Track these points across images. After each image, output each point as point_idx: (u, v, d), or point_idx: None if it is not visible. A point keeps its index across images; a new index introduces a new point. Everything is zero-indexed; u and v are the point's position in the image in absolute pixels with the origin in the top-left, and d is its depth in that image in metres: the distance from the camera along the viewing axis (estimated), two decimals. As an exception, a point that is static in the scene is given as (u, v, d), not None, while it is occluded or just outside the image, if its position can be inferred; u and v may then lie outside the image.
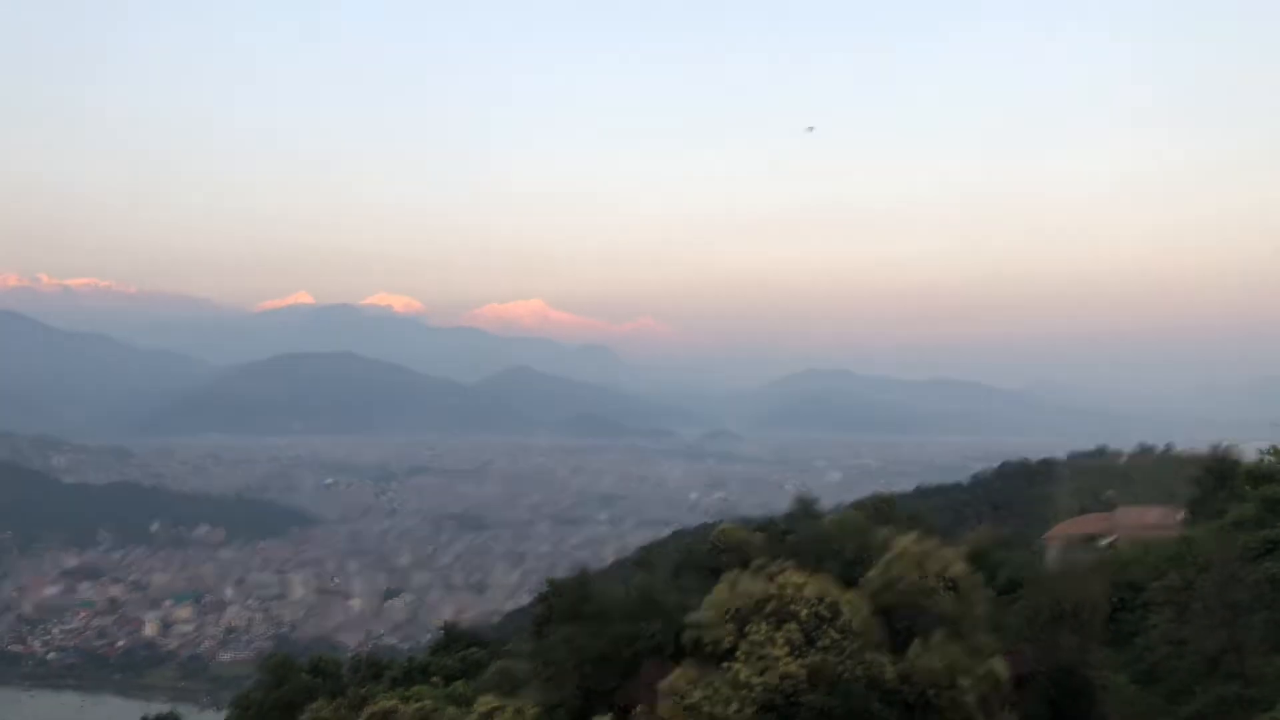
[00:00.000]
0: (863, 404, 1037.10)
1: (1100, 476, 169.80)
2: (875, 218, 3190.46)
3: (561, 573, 45.19)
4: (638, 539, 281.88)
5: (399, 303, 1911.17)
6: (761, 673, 30.03)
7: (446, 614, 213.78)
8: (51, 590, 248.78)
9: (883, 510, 49.07)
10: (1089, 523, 69.96)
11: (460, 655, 47.37)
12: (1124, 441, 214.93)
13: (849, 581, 36.38)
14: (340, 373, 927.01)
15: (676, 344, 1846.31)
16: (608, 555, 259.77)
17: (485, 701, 27.84)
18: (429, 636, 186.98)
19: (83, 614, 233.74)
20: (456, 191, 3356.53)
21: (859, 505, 51.59)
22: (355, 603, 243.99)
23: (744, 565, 39.62)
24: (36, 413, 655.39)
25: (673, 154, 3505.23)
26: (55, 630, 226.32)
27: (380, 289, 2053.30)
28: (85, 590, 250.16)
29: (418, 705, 28.68)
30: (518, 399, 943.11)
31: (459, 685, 37.19)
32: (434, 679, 40.24)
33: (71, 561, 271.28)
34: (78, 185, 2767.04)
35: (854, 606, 32.42)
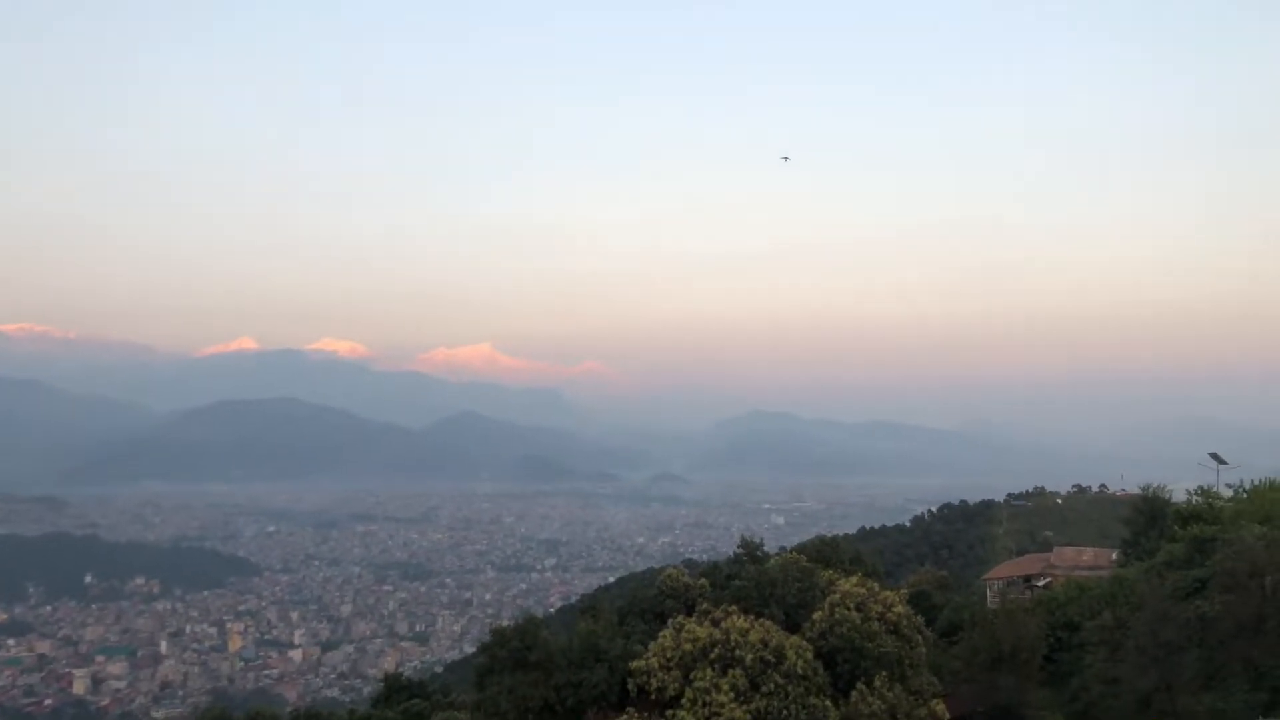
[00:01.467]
0: (806, 445, 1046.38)
1: (1037, 517, 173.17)
2: (814, 261, 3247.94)
3: (506, 621, 44.62)
4: (583, 585, 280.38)
5: (344, 347, 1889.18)
6: (707, 719, 30.08)
7: (389, 665, 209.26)
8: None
9: (826, 553, 49.48)
10: (1027, 564, 71.10)
11: (403, 707, 46.52)
12: (1058, 482, 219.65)
13: (793, 626, 36.66)
14: (284, 418, 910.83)
15: (623, 387, 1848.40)
16: (553, 602, 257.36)
17: (427, 754, 27.34)
18: (370, 688, 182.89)
19: (8, 671, 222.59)
20: (404, 235, 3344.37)
21: (802, 548, 51.95)
22: (296, 654, 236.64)
23: (689, 611, 39.75)
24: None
25: (623, 198, 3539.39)
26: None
27: (326, 334, 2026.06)
28: (12, 647, 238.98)
29: (357, 760, 28.07)
30: (465, 444, 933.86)
31: (400, 738, 36.52)
32: (375, 732, 39.44)
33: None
34: (13, 226, 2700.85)
35: (798, 651, 32.70)
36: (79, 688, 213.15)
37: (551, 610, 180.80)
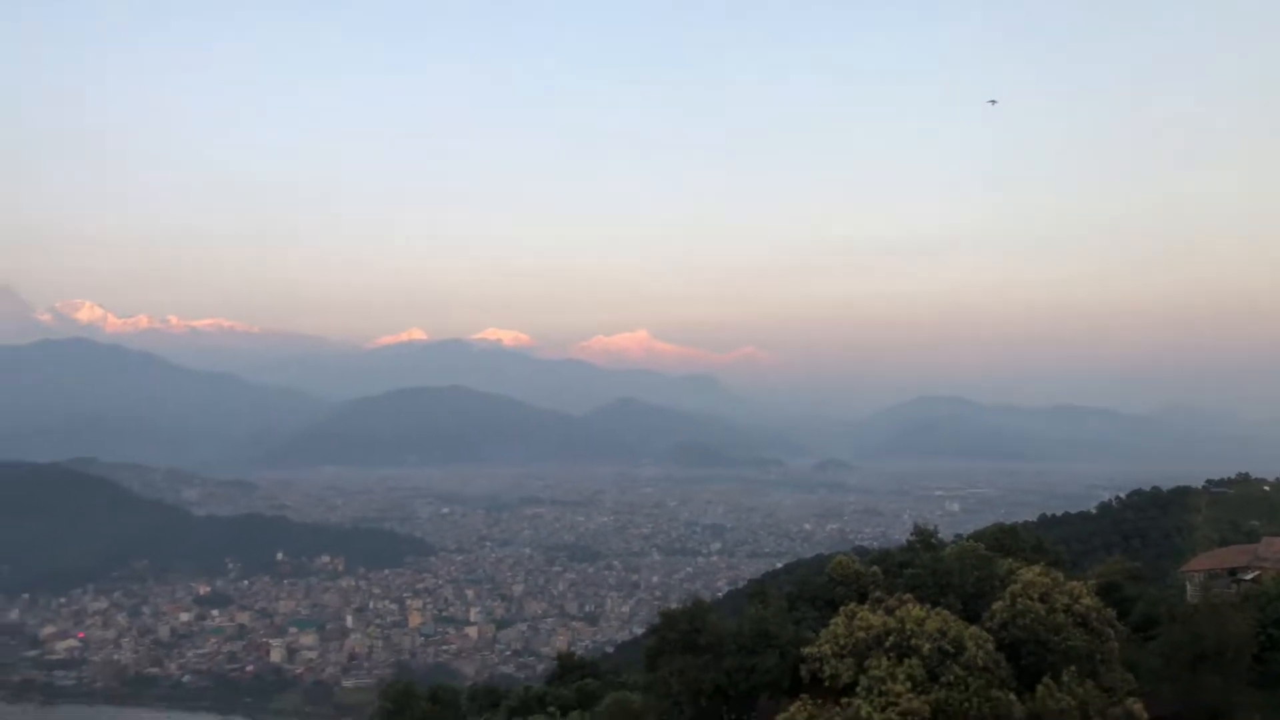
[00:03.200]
0: (980, 431, 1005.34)
1: (1241, 506, 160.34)
2: (994, 241, 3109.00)
3: (674, 604, 44.92)
4: (750, 570, 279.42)
5: (508, 337, 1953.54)
6: (883, 709, 29.32)
7: (560, 644, 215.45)
8: (185, 616, 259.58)
9: (1005, 541, 47.43)
10: (1231, 555, 65.99)
11: (576, 686, 47.57)
12: (1266, 469, 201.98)
13: (971, 616, 35.28)
14: (452, 406, 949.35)
15: (782, 373, 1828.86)
16: (720, 586, 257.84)
17: (602, 733, 27.81)
18: (544, 666, 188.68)
19: (213, 640, 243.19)
20: (563, 228, 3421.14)
21: (979, 536, 49.91)
22: (472, 631, 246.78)
23: (861, 598, 38.92)
24: (168, 448, 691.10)
25: (778, 182, 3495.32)
26: (189, 654, 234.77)
27: (490, 324, 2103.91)
28: (216, 617, 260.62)
29: (536, 735, 28.85)
30: (624, 430, 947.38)
31: (575, 716, 37.34)
32: (550, 709, 40.51)
33: (202, 589, 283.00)
34: (204, 232, 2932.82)
35: (978, 642, 31.40)
36: (275, 656, 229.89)
37: (719, 595, 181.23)
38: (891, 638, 31.78)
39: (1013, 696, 30.07)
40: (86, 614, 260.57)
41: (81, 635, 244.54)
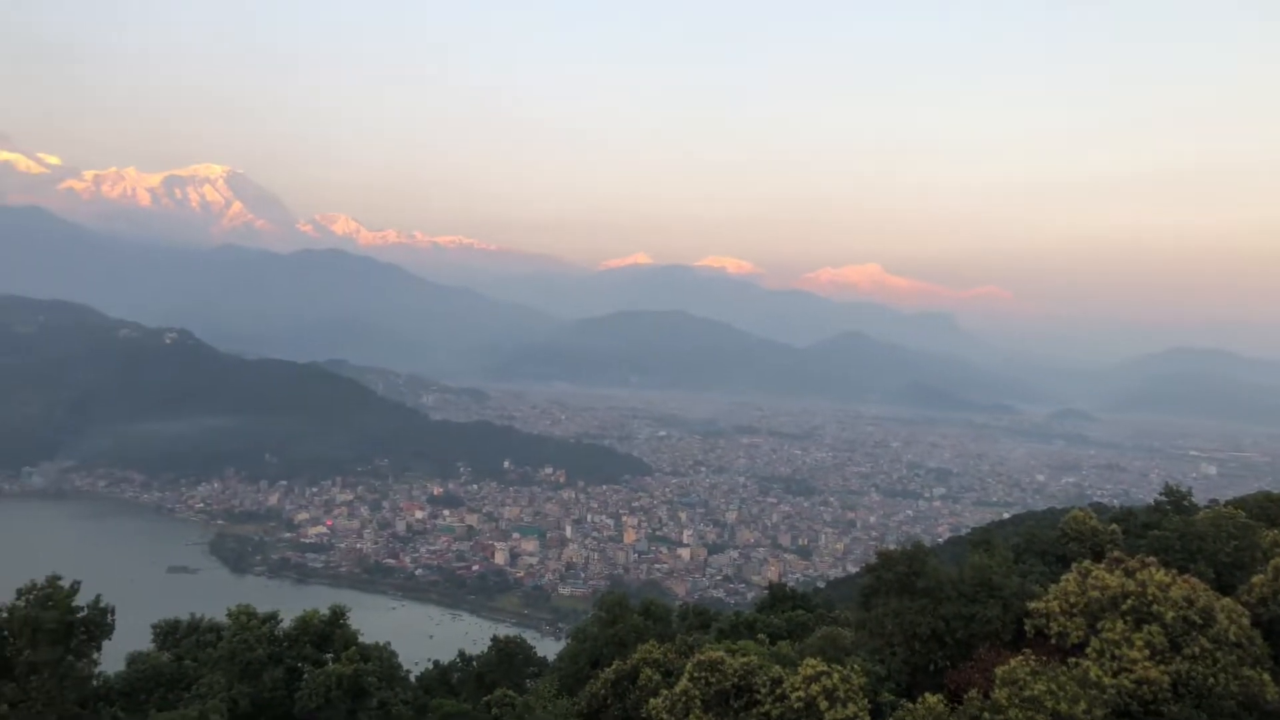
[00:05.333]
0: (1245, 389, 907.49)
1: None
2: (1265, 177, 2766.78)
3: (891, 545, 44.00)
4: (974, 518, 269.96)
5: (732, 264, 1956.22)
6: (1115, 674, 27.72)
7: (771, 573, 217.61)
8: (419, 514, 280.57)
9: (1271, 511, 42.95)
10: None
11: (786, 615, 47.88)
12: None
13: (1225, 588, 32.53)
14: (674, 331, 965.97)
15: (1023, 314, 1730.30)
16: (940, 532, 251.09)
17: (811, 664, 27.87)
18: (753, 594, 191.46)
19: (444, 538, 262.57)
20: (792, 155, 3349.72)
21: (1240, 503, 45.41)
22: (684, 553, 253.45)
23: (1097, 556, 36.69)
24: (410, 355, 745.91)
25: (1030, 107, 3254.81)
26: (422, 550, 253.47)
27: (714, 251, 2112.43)
28: (447, 516, 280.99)
29: (744, 660, 29.29)
30: (849, 365, 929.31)
31: (784, 645, 37.61)
32: (760, 636, 41.01)
33: (436, 489, 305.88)
34: (452, 154, 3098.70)
35: (1231, 615, 28.92)
36: (499, 558, 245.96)
37: (939, 540, 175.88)
38: (1130, 601, 29.81)
39: (1266, 677, 27.55)
40: (334, 504, 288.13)
41: (330, 523, 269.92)
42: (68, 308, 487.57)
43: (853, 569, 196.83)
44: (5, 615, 29.82)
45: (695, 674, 28.50)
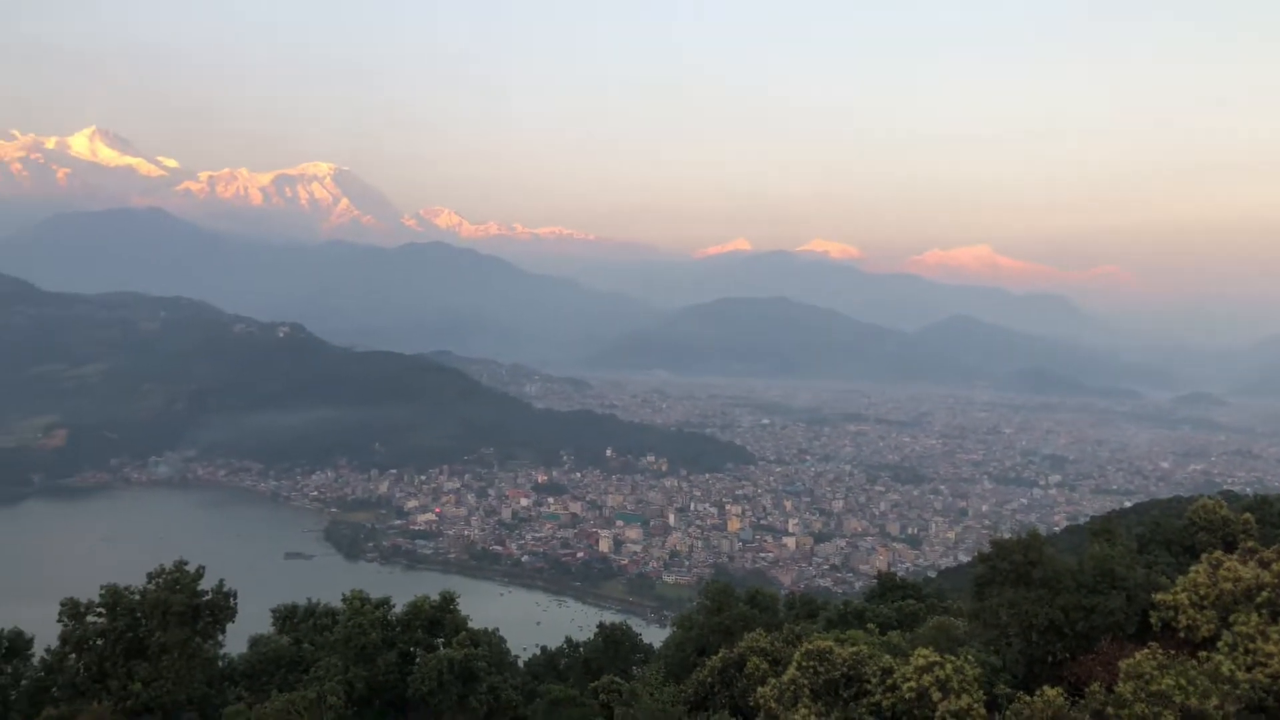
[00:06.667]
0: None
1: None
2: None
3: (1005, 534, 42.59)
4: (1093, 507, 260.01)
5: (835, 249, 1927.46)
6: (1249, 668, 26.18)
7: (880, 563, 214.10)
8: (524, 502, 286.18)
9: None
10: None
11: (896, 605, 46.89)
12: None
13: (1375, 580, 30.27)
14: (776, 317, 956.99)
15: (1145, 295, 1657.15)
16: (1057, 521, 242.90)
17: (923, 655, 27.11)
18: (861, 584, 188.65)
19: (549, 525, 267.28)
20: (896, 136, 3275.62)
21: (1390, 490, 42.38)
22: (790, 541, 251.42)
23: (1228, 547, 34.88)
24: (512, 345, 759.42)
25: (1153, 79, 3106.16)
26: (528, 537, 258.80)
27: (816, 235, 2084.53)
28: (551, 504, 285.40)
29: (853, 649, 28.68)
30: (959, 349, 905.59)
31: (894, 635, 36.84)
32: (869, 626, 40.26)
33: (540, 477, 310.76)
34: (549, 147, 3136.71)
35: (1382, 610, 26.93)
36: (603, 546, 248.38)
37: (1055, 529, 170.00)
38: (1265, 593, 28.09)
39: None
40: (442, 492, 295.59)
41: (438, 511, 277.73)
42: (187, 304, 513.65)
43: (964, 558, 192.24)
44: (138, 598, 31.45)
45: (803, 663, 28.07)
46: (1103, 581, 32.17)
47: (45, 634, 34.58)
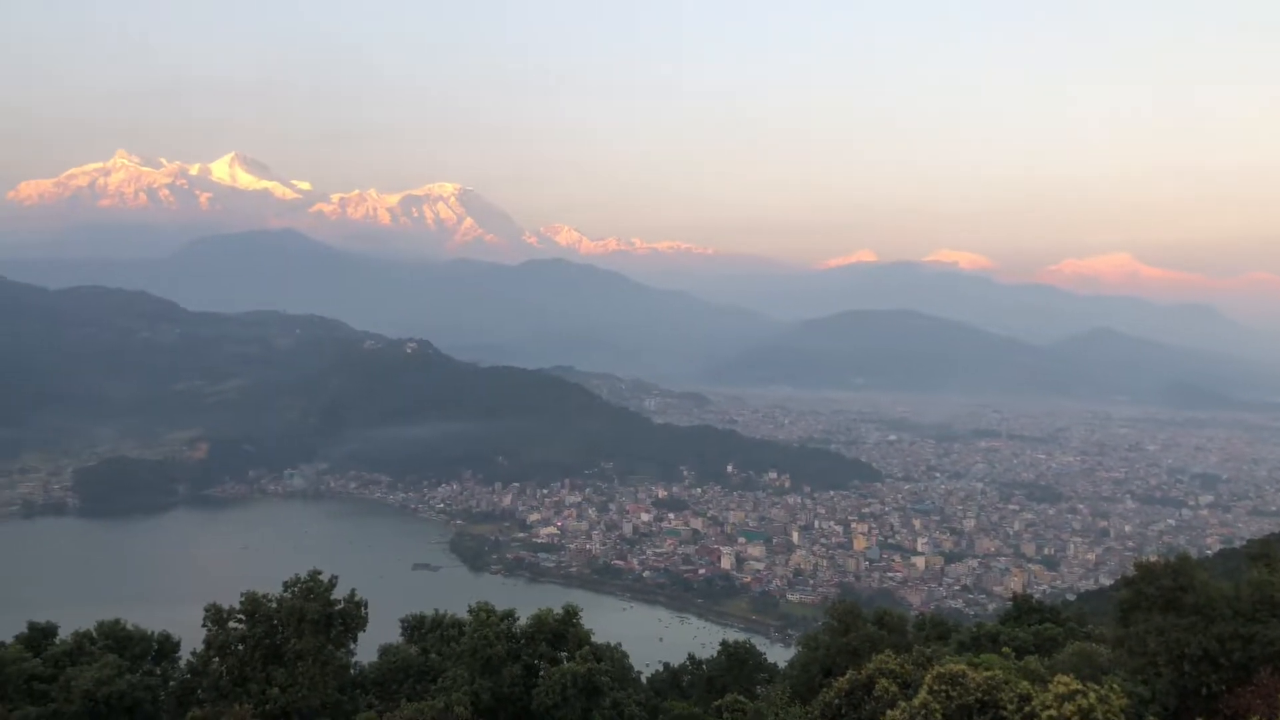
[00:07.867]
0: None
1: None
2: None
3: (1151, 556, 40.20)
4: (1250, 529, 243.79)
5: (965, 259, 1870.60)
6: None
7: (1015, 584, 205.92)
8: (645, 517, 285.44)
9: None
10: None
11: (1034, 629, 44.79)
12: None
13: None
14: (902, 330, 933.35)
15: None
16: (1210, 544, 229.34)
17: (1063, 682, 25.71)
18: (995, 605, 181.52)
19: (670, 541, 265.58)
20: (1028, 140, 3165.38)
21: None
22: (919, 561, 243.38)
23: None
24: (631, 359, 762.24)
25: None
26: (649, 552, 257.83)
27: (944, 246, 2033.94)
28: (672, 520, 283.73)
29: (987, 674, 27.44)
30: (1098, 363, 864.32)
31: (1031, 660, 35.18)
32: (1004, 650, 38.56)
33: (661, 492, 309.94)
34: (665, 161, 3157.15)
35: None
36: (725, 563, 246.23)
37: (1207, 552, 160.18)
38: None
39: None
40: (564, 506, 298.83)
41: (560, 524, 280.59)
42: (320, 322, 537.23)
43: (1106, 581, 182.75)
44: (275, 605, 32.79)
45: (935, 687, 27.03)
46: (1262, 609, 30.13)
47: (190, 637, 36.51)
